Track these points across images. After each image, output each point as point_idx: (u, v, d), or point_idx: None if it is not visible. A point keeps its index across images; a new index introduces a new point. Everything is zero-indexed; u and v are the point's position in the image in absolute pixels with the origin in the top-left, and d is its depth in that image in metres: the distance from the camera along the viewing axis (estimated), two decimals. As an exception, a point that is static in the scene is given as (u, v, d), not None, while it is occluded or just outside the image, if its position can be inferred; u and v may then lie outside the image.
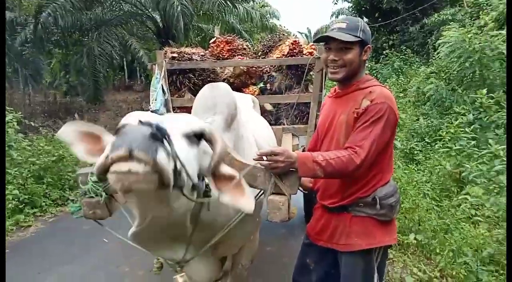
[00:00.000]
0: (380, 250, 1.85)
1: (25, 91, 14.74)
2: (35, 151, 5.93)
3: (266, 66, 4.10)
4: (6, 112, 5.79)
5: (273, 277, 3.37)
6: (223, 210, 1.64)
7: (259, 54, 4.31)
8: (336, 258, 1.93)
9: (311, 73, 3.79)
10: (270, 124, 3.88)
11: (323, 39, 1.79)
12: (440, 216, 4.05)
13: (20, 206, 5.05)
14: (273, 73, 4.02)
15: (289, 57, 3.84)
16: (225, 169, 1.40)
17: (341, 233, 1.85)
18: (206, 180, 1.36)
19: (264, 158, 1.60)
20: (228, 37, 4.29)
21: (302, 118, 3.89)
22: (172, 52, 3.91)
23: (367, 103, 1.69)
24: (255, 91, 3.95)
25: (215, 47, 4.23)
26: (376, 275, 1.84)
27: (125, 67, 19.82)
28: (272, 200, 1.60)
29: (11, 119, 5.72)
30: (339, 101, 1.86)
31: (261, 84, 4.03)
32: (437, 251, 3.47)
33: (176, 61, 3.84)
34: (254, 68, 4.06)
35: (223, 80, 3.94)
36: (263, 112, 3.87)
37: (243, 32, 14.30)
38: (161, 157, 1.01)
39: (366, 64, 1.91)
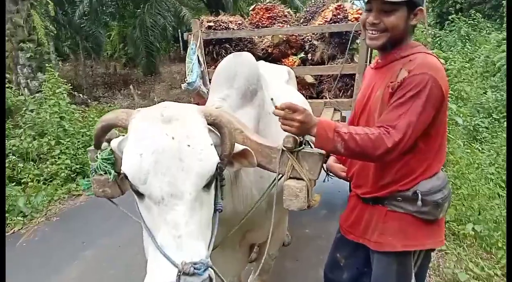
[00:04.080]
0: (421, 253, 1.59)
1: (86, 63, 15.47)
2: (86, 122, 6.14)
3: (308, 35, 3.79)
4: (59, 84, 6.02)
5: (310, 261, 3.18)
6: (243, 191, 1.60)
7: (301, 21, 3.98)
8: (369, 256, 1.69)
9: (357, 41, 3.45)
10: (311, 97, 3.61)
11: None
12: (505, 205, 3.58)
13: (72, 175, 5.27)
14: (315, 42, 3.70)
15: (332, 24, 3.49)
16: (237, 148, 1.32)
17: (374, 228, 1.60)
18: None
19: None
20: (268, 4, 4.03)
21: (346, 92, 3.59)
22: (208, 21, 3.76)
23: (404, 74, 1.38)
24: (295, 61, 3.70)
25: (254, 15, 4.03)
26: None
27: (179, 39, 19.99)
28: (288, 185, 1.39)
29: (62, 92, 5.92)
30: (378, 73, 1.58)
31: (302, 55, 3.76)
32: (499, 245, 3.07)
33: (212, 31, 3.65)
34: (294, 37, 3.78)
35: (261, 50, 3.75)
36: (304, 85, 3.60)
37: (295, -3, 13.66)
38: None
39: (430, 31, 1.57)
